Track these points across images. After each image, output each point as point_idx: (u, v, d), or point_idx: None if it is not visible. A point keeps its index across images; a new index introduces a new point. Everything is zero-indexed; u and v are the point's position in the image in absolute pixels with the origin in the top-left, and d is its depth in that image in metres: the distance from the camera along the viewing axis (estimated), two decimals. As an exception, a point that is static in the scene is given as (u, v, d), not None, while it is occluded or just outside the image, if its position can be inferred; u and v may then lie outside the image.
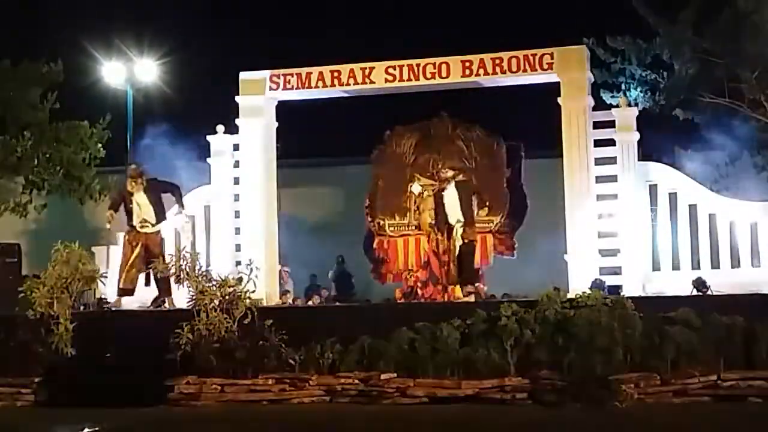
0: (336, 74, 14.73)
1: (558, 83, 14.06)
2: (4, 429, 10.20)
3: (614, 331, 10.47)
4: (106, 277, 13.13)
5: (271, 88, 14.92)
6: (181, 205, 13.83)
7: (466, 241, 13.01)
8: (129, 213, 13.55)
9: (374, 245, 14.73)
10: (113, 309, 13.26)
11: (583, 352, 10.42)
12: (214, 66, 22.22)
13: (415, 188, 14.95)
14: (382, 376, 10.70)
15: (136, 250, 13.39)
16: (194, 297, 11.56)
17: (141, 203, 13.49)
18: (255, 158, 14.96)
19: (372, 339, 11.14)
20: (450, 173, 13.39)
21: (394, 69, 14.56)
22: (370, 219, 14.95)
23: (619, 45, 16.24)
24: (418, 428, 9.45)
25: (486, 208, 13.32)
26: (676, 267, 13.82)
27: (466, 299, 12.64)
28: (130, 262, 13.41)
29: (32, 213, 19.40)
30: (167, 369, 11.10)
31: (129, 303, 13.58)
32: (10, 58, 18.40)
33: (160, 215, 13.59)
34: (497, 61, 14.23)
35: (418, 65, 14.49)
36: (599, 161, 14.01)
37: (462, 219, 12.89)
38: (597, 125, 14.12)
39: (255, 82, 14.96)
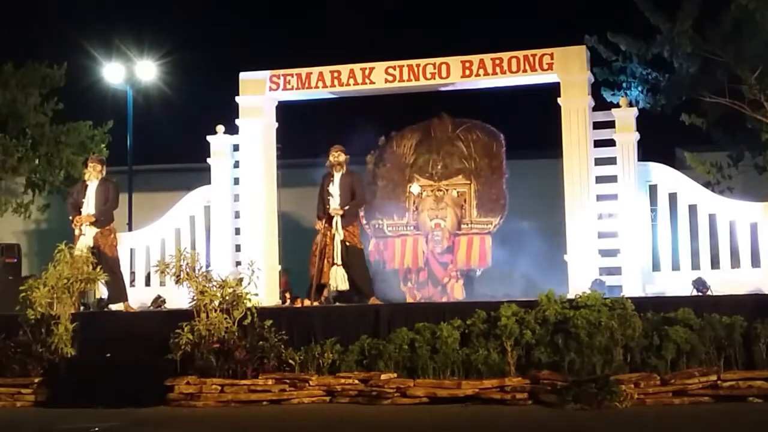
0: (336, 74, 14.72)
1: (558, 83, 14.06)
2: (4, 429, 10.20)
3: (614, 331, 10.48)
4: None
5: (271, 89, 14.91)
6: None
7: (348, 244, 12.95)
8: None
9: (369, 247, 14.71)
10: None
11: (583, 352, 10.43)
12: (214, 66, 22.27)
13: (414, 189, 14.97)
14: (382, 376, 10.71)
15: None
16: (194, 297, 11.57)
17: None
18: (255, 158, 14.96)
19: (372, 339, 11.15)
20: (342, 157, 13.20)
21: (394, 69, 14.55)
22: (365, 221, 14.92)
23: (620, 41, 16.24)
24: (418, 428, 9.45)
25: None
26: (676, 267, 13.82)
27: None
28: None
29: (33, 213, 19.47)
30: (167, 369, 11.11)
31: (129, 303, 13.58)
32: (12, 59, 18.45)
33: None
34: (497, 61, 14.21)
35: (418, 65, 14.48)
36: (599, 161, 14.01)
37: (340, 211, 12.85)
38: (597, 125, 14.10)
39: (255, 82, 14.95)
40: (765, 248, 13.37)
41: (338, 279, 12.87)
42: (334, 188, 13.06)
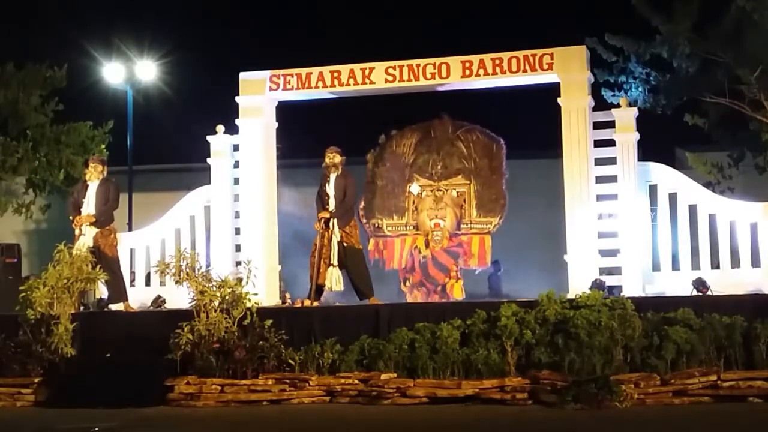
0: (336, 74, 14.72)
1: (558, 83, 14.05)
2: (4, 429, 10.20)
3: (614, 331, 10.48)
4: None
5: (271, 89, 14.91)
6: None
7: (346, 244, 12.95)
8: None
9: (369, 246, 14.74)
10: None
11: (583, 352, 10.43)
12: (214, 66, 22.29)
13: (414, 189, 14.98)
14: (382, 376, 10.70)
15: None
16: (194, 297, 11.57)
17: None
18: (255, 158, 14.96)
19: (372, 339, 11.15)
20: (337, 159, 13.22)
21: (394, 69, 14.54)
22: (365, 220, 14.97)
23: (618, 42, 16.25)
24: (418, 429, 9.45)
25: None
26: (676, 267, 13.82)
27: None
28: None
29: (33, 214, 19.50)
30: (167, 369, 11.11)
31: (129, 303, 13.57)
32: (12, 59, 18.47)
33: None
34: (497, 61, 14.21)
35: (418, 65, 14.47)
36: (599, 161, 14.00)
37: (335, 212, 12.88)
38: (597, 125, 14.09)
39: (255, 82, 14.95)
40: (765, 248, 13.37)
41: (333, 280, 12.90)
42: (330, 189, 13.11)
